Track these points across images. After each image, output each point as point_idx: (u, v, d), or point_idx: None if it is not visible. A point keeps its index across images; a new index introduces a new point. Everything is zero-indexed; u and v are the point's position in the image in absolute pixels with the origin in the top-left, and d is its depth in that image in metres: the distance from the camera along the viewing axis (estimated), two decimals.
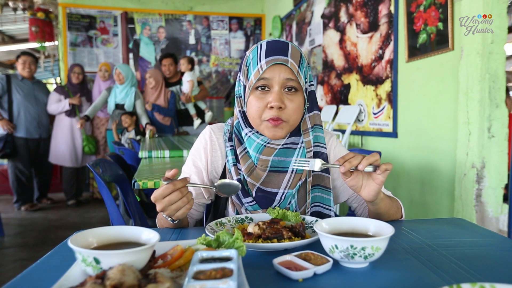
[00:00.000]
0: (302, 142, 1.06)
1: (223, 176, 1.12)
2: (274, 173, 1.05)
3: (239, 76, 1.09)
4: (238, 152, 1.07)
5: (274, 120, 0.99)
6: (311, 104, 1.08)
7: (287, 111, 0.99)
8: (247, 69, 1.04)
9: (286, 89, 1.00)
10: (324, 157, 1.08)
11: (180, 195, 0.87)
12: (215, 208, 1.15)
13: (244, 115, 1.08)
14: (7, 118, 4.35)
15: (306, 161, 0.98)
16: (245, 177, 1.05)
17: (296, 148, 1.06)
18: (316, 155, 1.07)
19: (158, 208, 0.89)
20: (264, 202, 1.05)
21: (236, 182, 0.95)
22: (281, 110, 0.99)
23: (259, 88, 1.00)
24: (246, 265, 0.71)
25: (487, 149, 2.01)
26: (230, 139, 1.10)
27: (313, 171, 1.07)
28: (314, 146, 1.07)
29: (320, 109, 3.88)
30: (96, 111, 4.52)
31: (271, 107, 0.98)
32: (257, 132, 1.05)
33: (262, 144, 1.03)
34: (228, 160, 1.08)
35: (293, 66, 0.99)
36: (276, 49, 0.99)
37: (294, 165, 1.02)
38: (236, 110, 1.10)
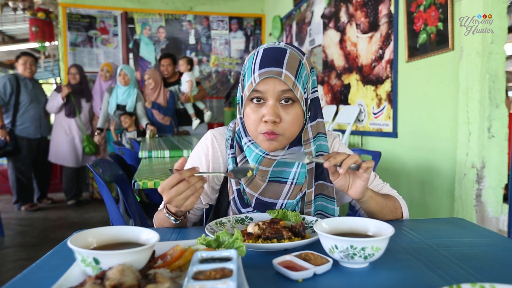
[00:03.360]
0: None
1: (224, 183, 1.11)
2: (274, 183, 1.04)
3: (239, 83, 1.05)
4: (238, 160, 1.05)
5: (268, 134, 0.96)
6: (314, 112, 1.05)
7: (282, 124, 0.96)
8: (243, 79, 1.01)
9: (283, 101, 0.96)
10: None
11: (187, 185, 0.84)
12: (216, 211, 1.15)
13: (243, 122, 1.05)
14: (11, 119, 4.36)
15: (291, 153, 0.99)
16: (244, 187, 1.04)
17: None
18: (318, 165, 1.06)
19: (165, 199, 0.86)
20: (263, 211, 1.04)
21: (248, 166, 0.93)
22: (276, 124, 0.95)
23: (254, 100, 0.97)
24: (245, 265, 0.71)
25: (487, 149, 2.01)
26: (231, 147, 1.08)
27: (316, 181, 1.07)
28: (316, 156, 1.05)
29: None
30: (106, 119, 4.49)
31: (266, 121, 0.95)
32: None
33: (260, 155, 1.01)
34: (229, 169, 1.07)
35: (288, 78, 0.93)
36: (271, 58, 0.95)
37: (281, 156, 1.01)
38: (238, 117, 1.07)
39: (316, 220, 0.95)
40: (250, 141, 1.03)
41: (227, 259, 0.65)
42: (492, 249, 0.85)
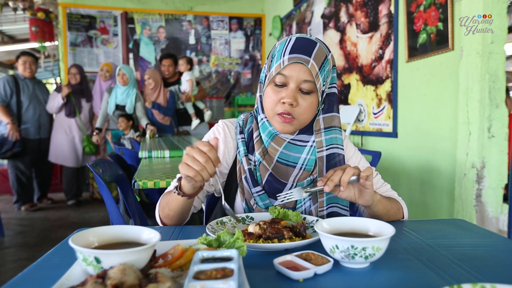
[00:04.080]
0: (313, 141, 1.09)
1: (233, 167, 1.14)
2: (283, 166, 1.08)
3: (266, 63, 1.11)
4: (254, 136, 1.11)
5: (284, 116, 1.02)
6: (330, 105, 1.10)
7: (298, 108, 1.02)
8: (271, 60, 1.06)
9: (303, 89, 1.02)
10: (340, 158, 1.10)
11: (205, 158, 0.86)
12: (225, 198, 1.15)
13: (262, 100, 1.10)
14: (16, 120, 4.35)
15: (289, 193, 1.00)
16: (260, 159, 1.08)
17: (305, 146, 1.08)
18: (332, 156, 1.08)
19: (184, 157, 0.89)
20: (273, 190, 1.07)
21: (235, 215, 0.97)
22: (292, 107, 1.01)
23: (277, 82, 1.03)
24: (246, 265, 0.72)
25: (487, 149, 2.01)
26: (241, 132, 1.13)
27: (328, 168, 1.08)
28: (330, 148, 1.08)
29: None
30: (105, 119, 4.48)
31: (284, 102, 1.01)
32: None
33: (273, 132, 1.08)
34: (239, 152, 1.11)
35: (313, 67, 1.00)
36: (302, 47, 1.01)
37: (281, 201, 1.03)
38: (257, 95, 1.13)
39: (317, 220, 0.95)
40: (266, 117, 1.09)
41: (228, 259, 0.65)
42: (492, 249, 0.85)
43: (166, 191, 1.14)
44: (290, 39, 1.04)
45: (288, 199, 1.00)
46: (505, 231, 1.98)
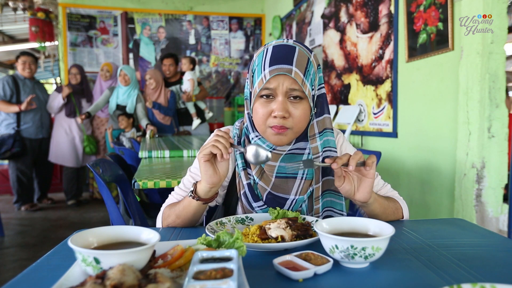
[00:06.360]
0: (309, 148, 1.06)
1: (233, 179, 1.12)
2: (283, 179, 1.06)
3: (247, 79, 1.08)
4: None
5: (277, 128, 0.98)
6: (321, 108, 1.06)
7: (291, 119, 0.98)
8: (253, 75, 1.03)
9: (291, 97, 0.98)
10: None
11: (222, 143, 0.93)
12: (225, 209, 1.15)
13: (251, 118, 1.07)
14: (15, 120, 4.34)
15: (298, 163, 0.99)
16: (256, 180, 1.06)
17: (303, 154, 1.06)
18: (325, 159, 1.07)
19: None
20: (274, 206, 1.05)
21: (267, 154, 0.96)
22: (285, 119, 0.98)
23: (264, 96, 0.99)
24: (246, 265, 0.71)
25: (487, 149, 2.01)
26: (238, 143, 1.10)
27: (323, 176, 1.07)
28: (324, 151, 1.06)
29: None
30: (97, 109, 4.52)
31: (275, 116, 0.98)
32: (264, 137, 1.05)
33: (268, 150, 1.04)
34: (237, 164, 1.08)
35: (297, 75, 0.96)
36: (281, 56, 0.97)
37: (288, 169, 1.02)
38: (245, 113, 1.10)
39: (317, 220, 0.95)
40: (257, 136, 1.06)
41: (227, 259, 0.65)
42: (492, 249, 0.85)
43: (169, 202, 1.11)
44: (267, 49, 1.00)
45: (298, 168, 0.99)
46: (505, 231, 1.98)
